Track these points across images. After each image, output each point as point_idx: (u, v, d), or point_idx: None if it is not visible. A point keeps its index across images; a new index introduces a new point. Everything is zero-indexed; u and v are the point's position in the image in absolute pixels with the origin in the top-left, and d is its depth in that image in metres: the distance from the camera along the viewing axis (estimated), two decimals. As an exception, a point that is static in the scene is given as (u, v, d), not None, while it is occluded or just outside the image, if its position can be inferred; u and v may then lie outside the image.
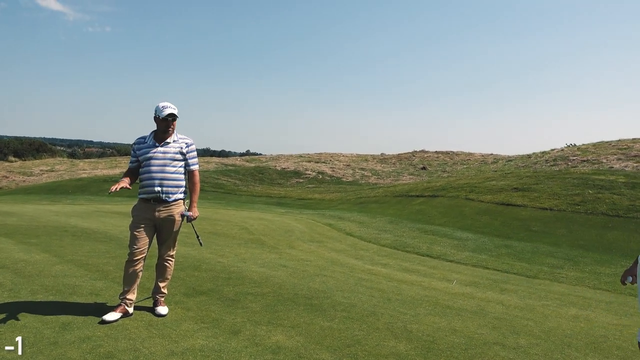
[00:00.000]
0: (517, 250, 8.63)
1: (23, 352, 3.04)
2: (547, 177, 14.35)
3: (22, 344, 3.13)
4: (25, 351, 3.06)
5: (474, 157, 38.85)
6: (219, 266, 5.97)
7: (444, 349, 3.51)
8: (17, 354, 3.01)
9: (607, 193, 11.58)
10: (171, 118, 3.85)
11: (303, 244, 8.64)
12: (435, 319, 4.25)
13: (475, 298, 5.25)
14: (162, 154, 3.86)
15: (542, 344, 3.75)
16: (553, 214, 10.85)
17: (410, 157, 40.86)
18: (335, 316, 4.16)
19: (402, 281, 5.91)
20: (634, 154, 21.29)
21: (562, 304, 5.20)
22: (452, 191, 14.51)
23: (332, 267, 6.52)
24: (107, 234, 8.19)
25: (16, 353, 3.02)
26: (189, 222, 4.05)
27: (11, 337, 3.29)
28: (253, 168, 31.08)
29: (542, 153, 28.28)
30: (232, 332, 3.62)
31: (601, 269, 7.41)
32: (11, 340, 3.16)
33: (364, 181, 28.91)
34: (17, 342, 3.11)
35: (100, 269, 5.43)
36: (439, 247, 8.91)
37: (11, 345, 3.09)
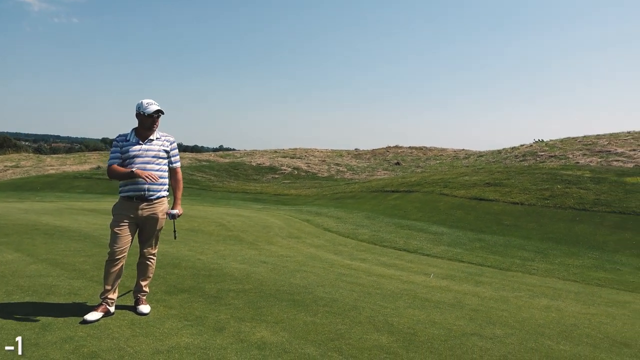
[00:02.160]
0: (490, 244, 8.88)
1: (23, 352, 3.02)
2: (518, 173, 14.78)
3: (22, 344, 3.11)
4: (5, 353, 3.00)
5: (446, 153, 39.56)
6: (199, 263, 5.95)
7: (424, 340, 3.62)
8: (17, 354, 2.99)
9: (575, 188, 12.02)
10: (157, 115, 3.81)
11: (282, 239, 8.67)
12: (414, 312, 4.36)
13: (452, 291, 5.40)
14: (146, 152, 3.82)
15: (517, 334, 3.90)
16: (524, 208, 11.19)
17: (384, 153, 41.28)
18: (317, 311, 4.22)
19: (381, 275, 6.02)
20: (598, 150, 22.12)
21: (534, 295, 5.40)
22: (426, 186, 14.77)
23: (312, 263, 6.58)
24: (82, 232, 8.02)
25: (16, 353, 2.99)
26: (172, 220, 4.03)
27: (11, 337, 3.26)
28: (228, 164, 30.82)
29: (512, 148, 29.05)
30: (217, 329, 3.63)
31: (570, 261, 7.72)
32: (11, 340, 3.13)
33: (340, 176, 29.07)
34: (17, 342, 3.08)
35: (77, 268, 5.33)
36: (416, 241, 9.08)
37: (11, 345, 3.06)
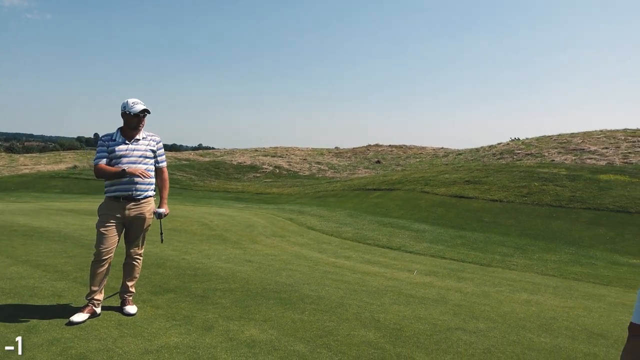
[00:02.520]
0: (470, 241, 9.06)
1: (23, 352, 3.01)
2: (496, 170, 15.08)
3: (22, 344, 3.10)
4: (5, 353, 2.99)
5: (426, 151, 40.05)
6: (183, 263, 5.92)
7: (410, 335, 3.69)
8: (17, 354, 2.97)
9: (551, 185, 12.34)
10: (143, 114, 3.79)
11: (266, 238, 8.68)
12: (400, 308, 4.44)
13: (435, 287, 5.50)
14: (133, 151, 3.79)
15: (499, 327, 4.01)
16: (502, 205, 11.44)
17: (365, 151, 41.55)
18: (305, 309, 4.26)
19: (366, 273, 6.09)
20: (572, 148, 22.72)
21: (515, 290, 5.55)
22: (407, 184, 14.95)
23: (297, 261, 6.62)
24: (61, 232, 7.88)
25: (16, 353, 2.97)
26: (159, 219, 4.02)
27: (11, 337, 3.22)
28: (208, 163, 30.58)
29: (490, 147, 29.60)
30: (205, 328, 3.64)
31: (547, 256, 7.94)
32: (11, 340, 3.10)
33: (321, 175, 29.15)
34: (17, 342, 3.06)
35: (59, 270, 5.25)
36: (398, 239, 9.20)
37: (11, 345, 3.04)
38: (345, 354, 3.26)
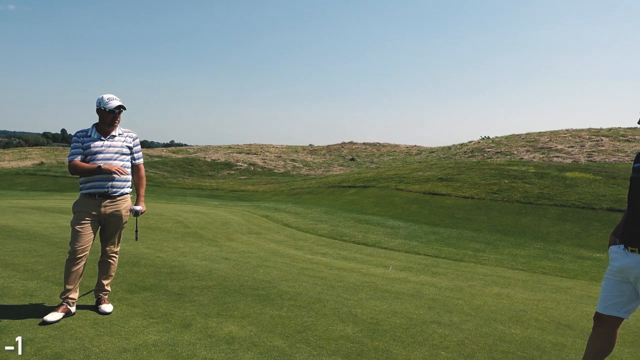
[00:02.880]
0: (444, 237, 9.26)
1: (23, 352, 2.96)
2: (468, 168, 15.42)
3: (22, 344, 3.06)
4: (5, 353, 2.94)
5: (399, 149, 40.56)
6: (158, 261, 5.86)
7: (387, 329, 3.77)
8: (17, 354, 2.92)
9: (520, 182, 12.71)
10: (119, 110, 3.73)
11: (242, 236, 8.65)
12: (376, 303, 4.52)
13: (410, 282, 5.62)
14: (108, 148, 3.73)
15: (472, 320, 4.14)
16: (474, 202, 11.72)
17: (339, 149, 41.75)
18: (283, 305, 4.29)
19: (342, 269, 6.16)
20: (540, 146, 23.41)
21: (486, 284, 5.72)
22: (382, 182, 15.12)
23: (273, 258, 6.63)
24: (30, 231, 7.66)
25: (16, 353, 2.92)
26: (136, 217, 3.97)
27: (11, 337, 3.17)
28: (181, 159, 30.15)
29: (461, 145, 30.19)
30: (183, 325, 3.62)
31: (517, 251, 8.19)
32: (11, 340, 3.05)
33: (296, 172, 29.15)
34: (17, 342, 3.01)
35: (30, 269, 5.12)
36: (374, 235, 9.32)
37: (11, 345, 2.99)
38: (324, 349, 3.31)
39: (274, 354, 3.19)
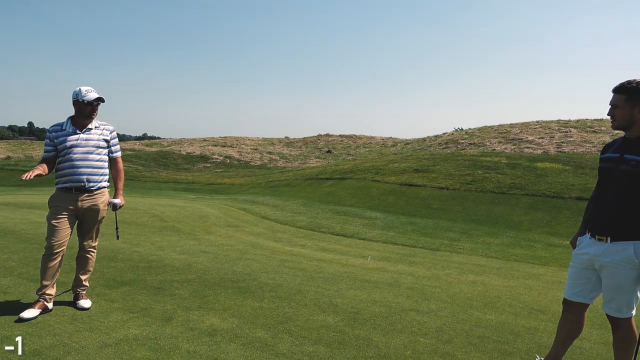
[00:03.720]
0: (420, 227, 9.42)
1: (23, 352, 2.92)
2: (443, 159, 15.67)
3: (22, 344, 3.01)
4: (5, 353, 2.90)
5: (375, 141, 40.82)
6: (136, 255, 5.79)
7: (367, 318, 3.85)
8: (17, 354, 2.88)
9: (493, 173, 13.01)
10: (97, 102, 3.66)
11: (220, 229, 8.61)
12: (356, 293, 4.60)
13: (388, 271, 5.72)
14: (85, 141, 3.67)
15: (449, 307, 4.26)
16: (449, 192, 11.95)
17: (315, 141, 41.74)
18: (264, 296, 4.31)
19: (321, 260, 6.22)
20: (511, 138, 23.94)
21: (462, 272, 5.87)
22: (359, 173, 15.23)
23: (253, 250, 6.64)
24: (0, 227, 7.44)
25: (16, 353, 2.88)
26: (114, 211, 3.92)
27: (11, 337, 3.12)
28: (155, 153, 29.64)
29: (435, 136, 30.59)
30: (164, 319, 3.61)
31: (491, 240, 8.41)
32: (11, 340, 3.01)
33: (272, 165, 29.04)
34: (17, 342, 2.97)
35: (2, 266, 5.00)
36: (351, 226, 9.41)
37: (11, 345, 2.95)
38: (306, 338, 3.35)
39: (257, 344, 3.22)
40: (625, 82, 2.53)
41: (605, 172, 2.63)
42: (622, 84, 2.54)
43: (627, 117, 2.52)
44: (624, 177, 2.50)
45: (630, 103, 2.50)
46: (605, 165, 2.64)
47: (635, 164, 2.46)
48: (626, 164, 2.50)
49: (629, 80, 2.53)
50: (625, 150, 2.54)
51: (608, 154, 2.65)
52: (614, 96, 2.58)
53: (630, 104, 2.50)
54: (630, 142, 2.56)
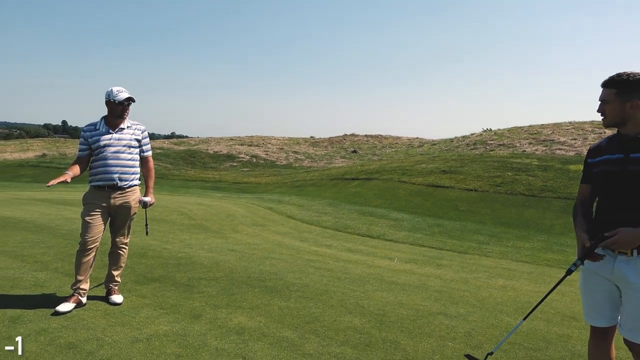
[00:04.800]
0: (448, 229, 9.28)
1: (23, 352, 2.94)
2: (471, 160, 15.41)
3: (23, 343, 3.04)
4: (5, 353, 2.95)
5: (401, 141, 40.47)
6: (165, 252, 5.90)
7: (394, 320, 3.81)
8: (17, 354, 2.91)
9: (524, 175, 12.71)
10: (127, 102, 3.75)
11: (247, 227, 8.69)
12: (383, 294, 4.56)
13: (415, 273, 5.65)
14: (117, 140, 3.76)
15: (478, 312, 4.17)
16: (477, 194, 11.73)
17: (341, 141, 41.68)
18: (290, 296, 4.33)
19: (347, 261, 6.20)
20: (543, 139, 23.35)
21: (491, 276, 5.75)
22: (385, 174, 15.13)
23: (279, 250, 6.67)
24: (36, 223, 7.70)
25: (16, 353, 2.92)
26: (144, 209, 4.00)
27: (25, 327, 3.22)
28: (184, 151, 30.16)
29: (463, 137, 30.11)
30: (193, 316, 3.66)
31: (521, 244, 8.22)
32: (11, 340, 3.04)
33: (298, 164, 29.15)
34: (17, 342, 3.00)
35: (38, 260, 5.16)
36: (378, 227, 9.35)
37: (11, 345, 2.98)
38: (332, 339, 3.34)
39: (284, 344, 3.23)
40: (615, 75, 2.28)
41: (609, 176, 2.31)
42: (611, 77, 2.28)
43: (619, 113, 2.27)
44: (636, 179, 2.21)
45: (621, 98, 2.25)
46: (606, 169, 2.33)
47: None
48: (635, 164, 2.21)
49: (619, 73, 2.28)
50: (629, 150, 2.26)
51: (606, 156, 2.34)
52: (603, 91, 2.32)
53: (621, 98, 2.25)
54: (631, 141, 2.27)
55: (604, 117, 2.34)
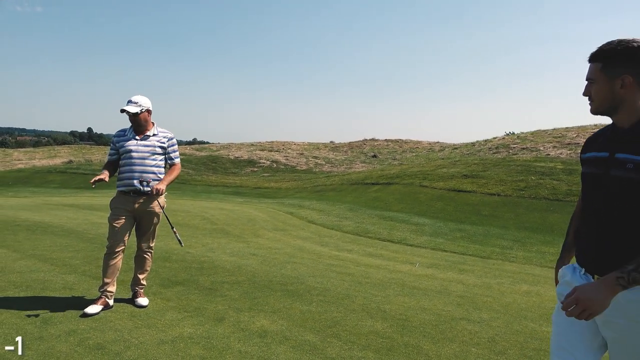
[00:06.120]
0: (470, 234, 9.17)
1: (23, 352, 2.98)
2: (493, 164, 15.20)
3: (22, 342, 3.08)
4: (5, 353, 3.03)
5: (421, 145, 40.15)
6: (188, 257, 5.99)
7: (417, 325, 3.79)
8: (17, 354, 2.96)
9: (548, 179, 12.47)
10: (129, 114, 3.83)
11: (268, 232, 8.76)
12: (404, 299, 4.54)
13: (437, 278, 5.61)
14: (142, 147, 3.87)
15: (502, 317, 4.12)
16: (500, 199, 11.56)
17: (361, 145, 41.58)
18: (312, 300, 4.35)
19: (369, 265, 6.19)
20: (567, 142, 22.86)
21: (515, 281, 5.66)
22: (406, 178, 15.05)
23: (300, 254, 6.70)
24: (64, 227, 7.92)
25: (16, 353, 2.96)
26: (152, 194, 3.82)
27: (56, 328, 3.30)
28: (205, 157, 30.55)
29: (485, 141, 29.71)
30: (217, 319, 3.72)
31: (546, 249, 8.06)
32: (11, 340, 3.10)
33: (318, 169, 29.20)
34: (17, 342, 3.05)
35: (67, 263, 5.31)
36: (399, 232, 9.31)
37: (11, 345, 3.03)
38: (354, 344, 3.35)
39: (306, 347, 3.25)
40: (603, 45, 1.70)
41: (590, 181, 1.79)
42: (598, 48, 1.70)
43: (607, 94, 1.68)
44: (618, 187, 1.64)
45: (608, 73, 1.67)
46: (589, 171, 1.80)
47: (634, 167, 1.59)
48: (619, 167, 1.64)
49: (608, 42, 1.69)
50: (616, 148, 1.69)
51: (592, 153, 1.81)
52: (589, 67, 1.74)
53: (609, 74, 1.67)
54: (621, 135, 1.70)
55: (590, 102, 1.77)
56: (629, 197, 1.61)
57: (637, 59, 1.62)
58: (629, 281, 1.49)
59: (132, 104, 3.83)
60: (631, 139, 1.64)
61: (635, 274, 1.48)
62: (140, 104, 3.84)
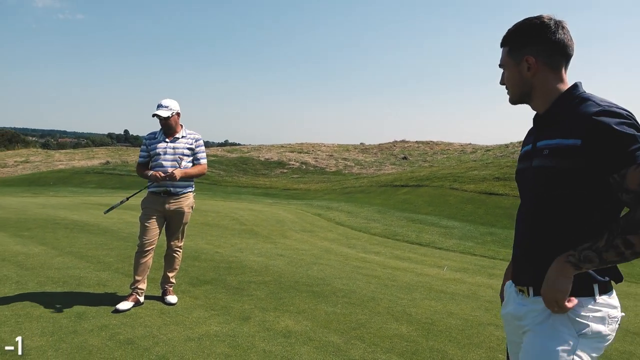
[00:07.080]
0: (501, 238, 8.98)
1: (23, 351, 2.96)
2: (527, 167, 14.81)
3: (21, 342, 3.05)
4: (47, 340, 3.15)
5: (453, 147, 39.48)
6: (217, 256, 6.10)
7: (442, 330, 3.74)
8: (17, 353, 2.93)
9: (584, 182, 12.07)
10: (160, 118, 3.94)
11: (295, 233, 8.82)
12: (431, 303, 4.49)
13: (466, 283, 5.51)
14: (172, 149, 3.98)
15: (532, 324, 4.02)
16: (533, 202, 11.27)
17: (391, 147, 41.26)
18: (337, 302, 4.36)
19: (395, 268, 6.14)
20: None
21: (547, 287, 5.50)
22: (436, 181, 14.86)
23: (327, 256, 6.72)
24: (100, 226, 8.21)
25: (16, 353, 2.94)
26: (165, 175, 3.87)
27: (89, 322, 3.42)
28: (236, 159, 31.00)
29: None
30: (243, 318, 3.78)
31: (580, 254, 7.81)
32: (11, 340, 3.09)
33: (347, 171, 29.17)
34: (17, 342, 3.03)
35: (102, 261, 5.50)
36: (427, 235, 9.20)
37: (11, 345, 3.00)
38: (378, 346, 3.34)
39: (330, 349, 3.26)
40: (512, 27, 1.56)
41: (519, 178, 1.63)
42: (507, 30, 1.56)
43: (517, 80, 1.54)
44: (539, 180, 1.47)
45: (513, 57, 1.54)
46: (518, 168, 1.64)
47: (549, 153, 1.43)
48: (540, 156, 1.47)
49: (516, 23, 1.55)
50: (537, 137, 1.54)
51: (523, 148, 1.63)
52: (501, 53, 1.60)
53: (514, 58, 1.53)
54: (539, 122, 1.57)
55: (507, 91, 1.62)
56: (550, 186, 1.42)
57: (536, 37, 1.47)
58: (580, 259, 1.33)
59: (163, 108, 3.93)
60: (547, 124, 1.50)
61: (588, 252, 1.33)
62: (171, 108, 3.95)
